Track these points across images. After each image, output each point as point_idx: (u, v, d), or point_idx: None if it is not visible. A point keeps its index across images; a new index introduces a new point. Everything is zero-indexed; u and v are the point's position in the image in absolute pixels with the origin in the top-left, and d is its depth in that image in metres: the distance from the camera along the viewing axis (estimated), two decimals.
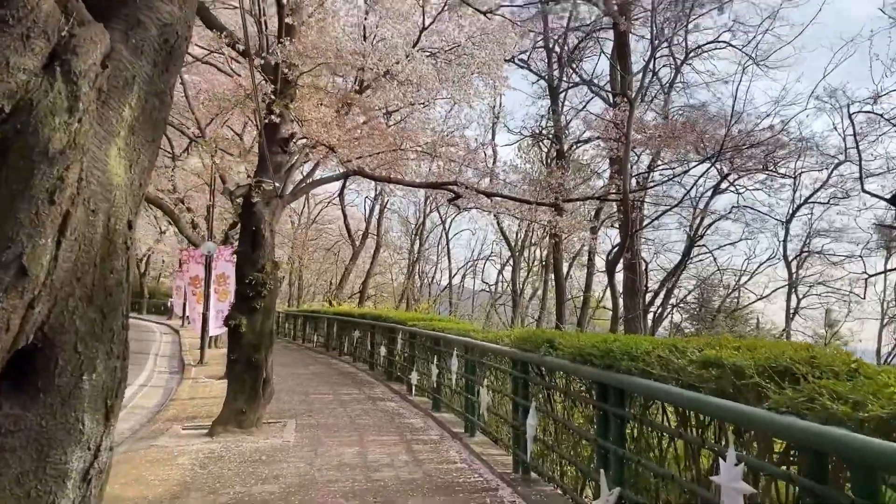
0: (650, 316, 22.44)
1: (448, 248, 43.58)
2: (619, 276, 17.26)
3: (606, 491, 4.01)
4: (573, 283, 31.46)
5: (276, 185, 8.95)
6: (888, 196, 12.34)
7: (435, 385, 10.14)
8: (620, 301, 16.64)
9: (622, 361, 3.89)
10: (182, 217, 20.61)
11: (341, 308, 23.34)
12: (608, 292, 35.55)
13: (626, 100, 13.13)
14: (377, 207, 35.65)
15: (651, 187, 15.60)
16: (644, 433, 4.41)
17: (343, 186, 34.20)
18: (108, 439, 2.27)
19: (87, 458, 2.17)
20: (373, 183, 33.05)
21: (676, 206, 18.29)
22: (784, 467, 2.89)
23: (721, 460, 2.82)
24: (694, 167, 14.30)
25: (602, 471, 4.19)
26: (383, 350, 14.56)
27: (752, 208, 23.05)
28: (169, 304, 38.26)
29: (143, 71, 2.48)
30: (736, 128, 13.39)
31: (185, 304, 25.34)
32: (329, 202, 42.79)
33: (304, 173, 15.65)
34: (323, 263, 46.78)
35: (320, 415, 10.08)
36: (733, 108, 11.94)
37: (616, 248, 14.40)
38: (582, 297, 26.11)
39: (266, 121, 8.64)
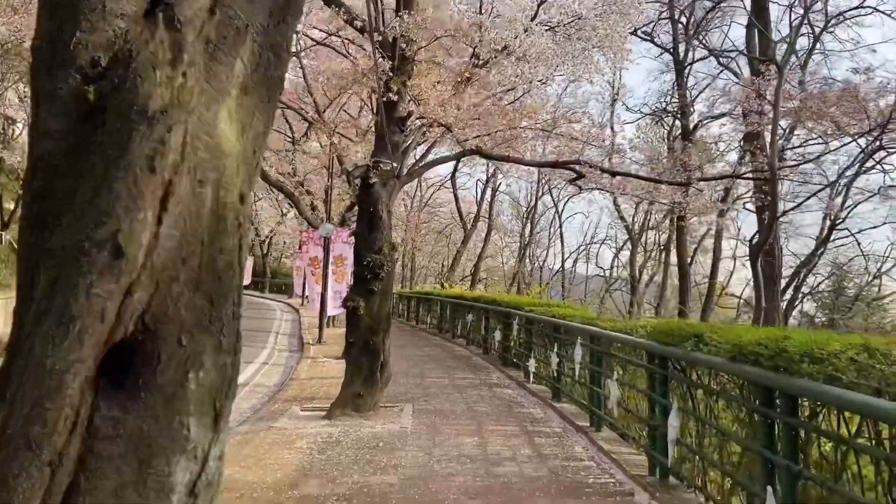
0: (781, 305, 20.83)
1: (560, 231, 42.60)
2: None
3: None
4: (694, 270, 29.85)
5: (394, 165, 8.70)
6: None
7: (555, 374, 9.65)
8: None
9: (801, 364, 3.28)
10: (301, 199, 21.04)
11: (454, 291, 23.21)
12: (733, 279, 33.62)
13: (769, 67, 11.97)
14: (489, 190, 35.27)
15: (798, 164, 14.24)
16: (812, 442, 3.79)
17: (455, 169, 34.07)
18: (217, 447, 1.96)
19: (194, 469, 1.87)
20: (484, 166, 32.73)
21: (829, 186, 16.65)
22: None
23: None
24: (849, 143, 12.88)
25: (769, 488, 3.59)
26: (498, 335, 14.19)
27: None
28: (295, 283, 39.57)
29: (257, 20, 2.14)
30: (885, 100, 11.91)
31: (304, 284, 26.01)
32: (441, 185, 42.85)
33: (417, 156, 15.48)
34: (435, 246, 47.01)
35: (436, 400, 9.83)
36: None
37: (759, 232, 13.24)
38: (707, 284, 24.68)
39: (384, 99, 8.39)
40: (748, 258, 17.67)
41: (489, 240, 35.27)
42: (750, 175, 12.84)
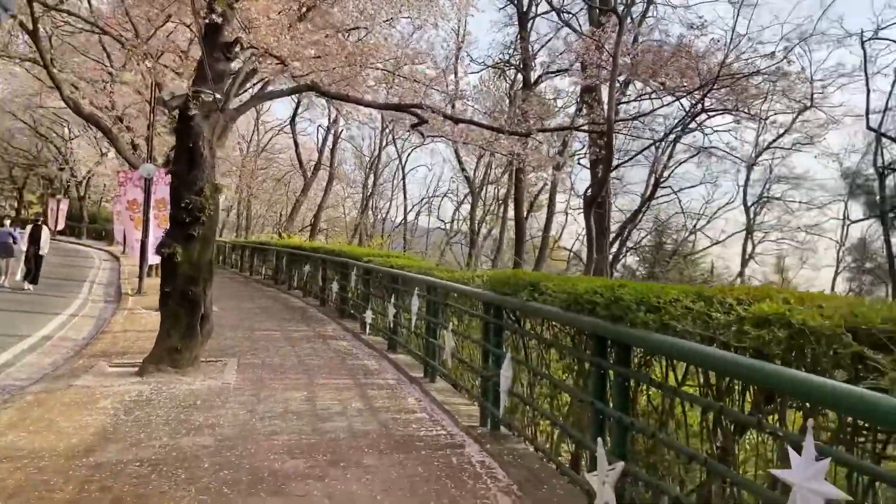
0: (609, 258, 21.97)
1: (404, 183, 42.51)
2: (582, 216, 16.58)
3: (605, 464, 3.33)
4: (529, 224, 30.86)
5: (218, 96, 7.88)
6: None
7: (391, 325, 9.41)
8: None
9: (637, 313, 3.15)
10: (121, 137, 19.16)
11: (292, 240, 22.35)
12: (565, 233, 35.18)
13: (609, 18, 12.20)
14: (331, 137, 34.18)
15: (632, 119, 14.77)
16: (642, 392, 3.76)
17: (295, 113, 32.70)
18: None
19: None
20: (326, 111, 31.59)
21: (655, 144, 17.55)
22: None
23: (792, 451, 2.12)
24: (673, 101, 13.51)
25: (599, 439, 3.50)
26: (336, 286, 13.75)
27: (719, 149, 22.65)
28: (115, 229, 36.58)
29: None
30: (714, 58, 12.45)
31: (124, 230, 24.00)
32: (280, 130, 41.18)
33: (252, 94, 14.44)
34: (273, 194, 45.30)
35: (266, 353, 9.30)
36: (733, 31, 10.97)
37: (592, 185, 13.60)
38: (541, 237, 25.57)
39: (206, 20, 7.51)
40: (581, 211, 18.32)
41: (330, 189, 34.34)
42: (586, 127, 13.12)
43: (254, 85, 13.90)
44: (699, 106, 13.18)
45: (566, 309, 3.93)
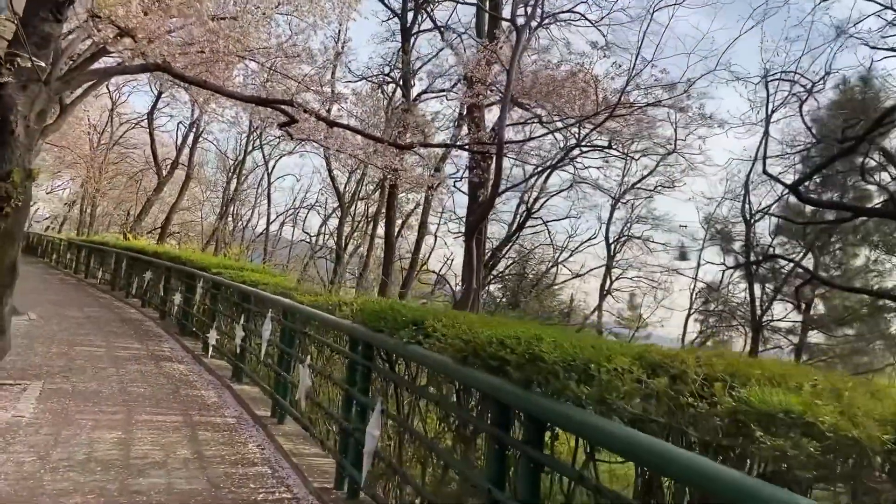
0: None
1: (269, 191, 40.23)
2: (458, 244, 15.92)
3: None
4: (399, 244, 29.98)
5: (41, 63, 6.44)
6: (790, 183, 11.98)
7: (238, 350, 8.16)
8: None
9: (567, 382, 2.30)
10: None
11: (136, 243, 20.19)
12: (432, 257, 34.62)
13: (502, 32, 11.68)
14: (191, 135, 31.78)
15: (524, 141, 14.24)
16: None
17: (154, 107, 30.10)
18: None
19: None
20: (188, 107, 29.30)
21: (547, 168, 17.21)
22: None
23: None
24: (569, 126, 13.02)
25: None
26: (178, 298, 12.18)
27: (589, 184, 22.87)
28: None
29: None
30: (612, 84, 12.14)
31: None
32: (137, 123, 37.99)
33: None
34: (123, 192, 41.70)
35: (81, 377, 7.76)
36: (635, 61, 10.51)
37: (471, 210, 12.85)
38: (410, 258, 24.75)
39: None
40: (456, 236, 17.63)
41: (186, 189, 31.80)
42: (470, 145, 12.45)
43: (96, 53, 12.22)
44: (581, 138, 12.91)
45: (462, 362, 3.04)
